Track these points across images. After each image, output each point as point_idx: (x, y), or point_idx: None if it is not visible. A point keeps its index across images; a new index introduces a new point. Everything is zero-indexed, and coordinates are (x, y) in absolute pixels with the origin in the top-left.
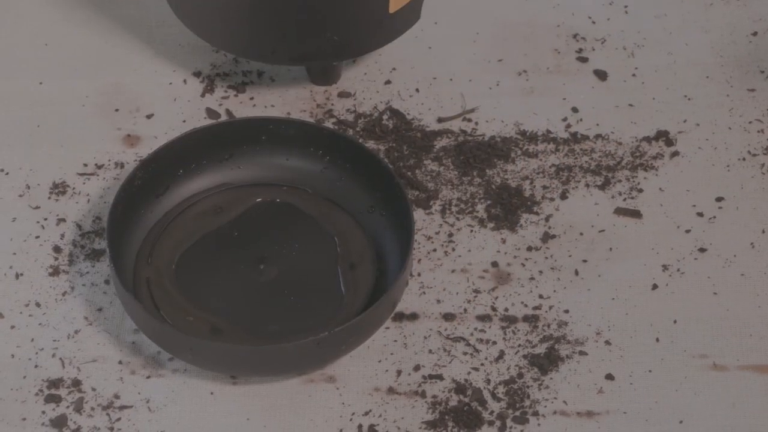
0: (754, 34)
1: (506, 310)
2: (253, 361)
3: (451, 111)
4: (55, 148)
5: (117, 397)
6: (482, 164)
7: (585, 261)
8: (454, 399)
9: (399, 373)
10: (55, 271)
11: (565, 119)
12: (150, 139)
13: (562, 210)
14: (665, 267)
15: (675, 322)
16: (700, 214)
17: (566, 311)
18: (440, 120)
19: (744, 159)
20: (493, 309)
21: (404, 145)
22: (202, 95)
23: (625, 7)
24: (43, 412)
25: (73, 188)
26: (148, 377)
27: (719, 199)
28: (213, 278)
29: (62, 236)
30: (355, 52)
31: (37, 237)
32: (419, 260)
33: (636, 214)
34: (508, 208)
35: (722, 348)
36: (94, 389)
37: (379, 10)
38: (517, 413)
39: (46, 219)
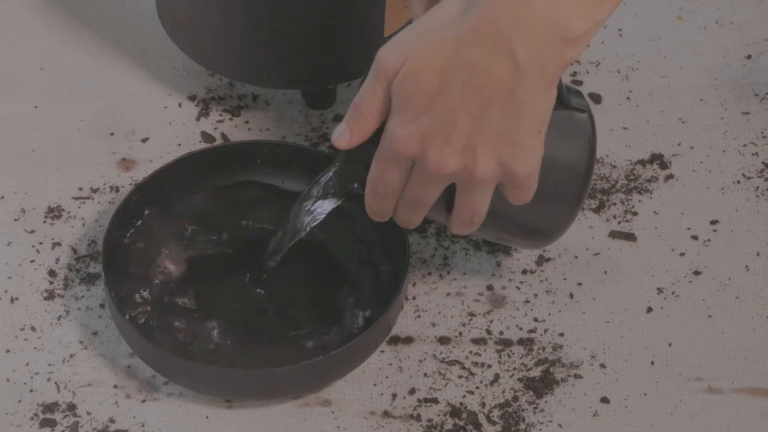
0: (748, 57)
1: (501, 333)
2: (248, 385)
3: None
4: (50, 172)
5: (112, 421)
6: None
7: (580, 284)
8: (449, 422)
9: (394, 396)
10: (51, 295)
11: None
12: (145, 162)
13: None
14: (660, 290)
15: (670, 345)
16: (695, 237)
17: (561, 334)
18: None
19: (738, 182)
20: (488, 332)
21: None
22: (198, 119)
23: (620, 30)
24: None
25: (69, 212)
26: (144, 401)
27: (714, 222)
28: (209, 301)
29: (57, 260)
30: (350, 75)
31: (32, 261)
32: (414, 283)
33: (631, 237)
34: None
35: (717, 371)
36: (89, 413)
37: (375, 33)
38: None
39: (41, 243)
